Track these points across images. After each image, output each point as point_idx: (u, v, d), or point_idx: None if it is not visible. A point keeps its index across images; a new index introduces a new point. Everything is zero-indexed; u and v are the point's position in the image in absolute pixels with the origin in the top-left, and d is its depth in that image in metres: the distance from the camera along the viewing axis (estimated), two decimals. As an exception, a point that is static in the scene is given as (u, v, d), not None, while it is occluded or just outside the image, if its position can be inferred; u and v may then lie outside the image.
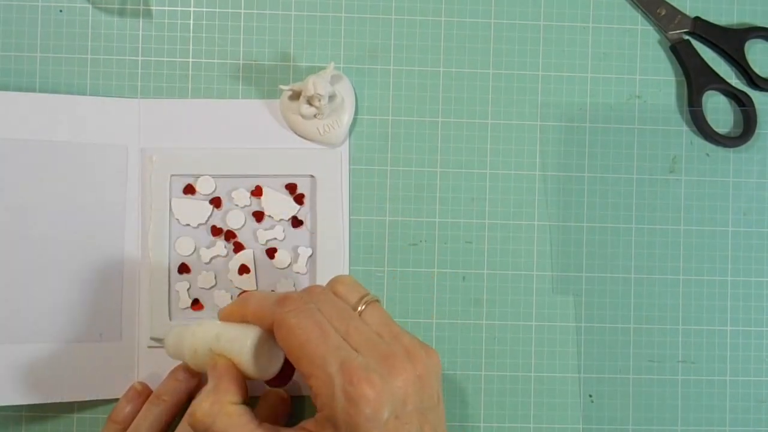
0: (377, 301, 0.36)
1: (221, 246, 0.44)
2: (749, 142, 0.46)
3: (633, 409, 0.45)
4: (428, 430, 0.33)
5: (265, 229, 0.44)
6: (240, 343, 0.36)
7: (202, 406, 0.34)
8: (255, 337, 0.36)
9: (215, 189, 0.44)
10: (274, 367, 0.38)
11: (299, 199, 0.44)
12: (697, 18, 0.46)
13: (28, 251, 0.42)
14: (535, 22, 0.46)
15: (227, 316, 0.38)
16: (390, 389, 0.32)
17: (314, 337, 0.33)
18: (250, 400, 0.44)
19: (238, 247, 0.44)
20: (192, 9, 0.45)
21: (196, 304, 0.44)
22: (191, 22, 0.45)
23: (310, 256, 0.44)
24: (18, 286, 0.42)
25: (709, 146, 0.46)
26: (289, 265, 0.44)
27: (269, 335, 0.36)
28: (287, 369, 0.39)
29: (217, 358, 0.37)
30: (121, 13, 0.45)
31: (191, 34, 0.45)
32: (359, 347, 0.33)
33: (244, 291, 0.44)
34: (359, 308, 0.35)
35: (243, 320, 0.37)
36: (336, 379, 0.32)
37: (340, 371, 0.32)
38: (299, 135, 0.44)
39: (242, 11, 0.45)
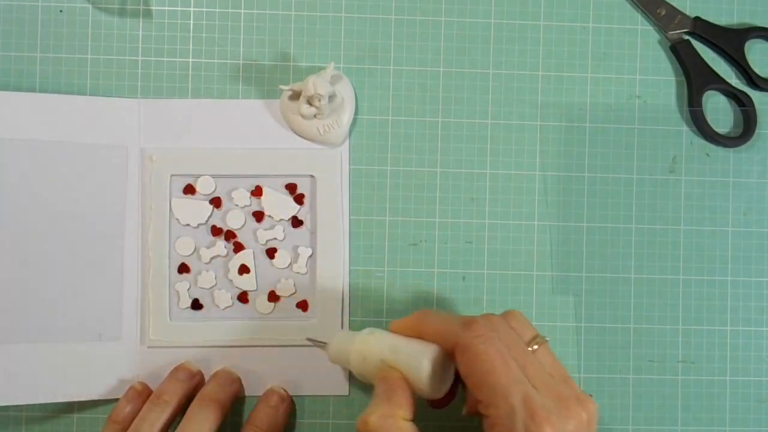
0: (547, 342, 0.36)
1: (221, 246, 0.44)
2: (749, 142, 0.46)
3: (633, 409, 0.45)
4: None
5: (265, 229, 0.44)
6: (418, 358, 0.36)
7: (375, 415, 0.34)
8: (434, 355, 0.36)
9: (215, 189, 0.44)
10: (445, 388, 0.37)
11: (299, 199, 0.44)
12: (697, 18, 0.46)
13: (28, 251, 0.42)
14: (535, 22, 0.46)
15: (401, 328, 0.38)
16: (565, 430, 0.32)
17: (498, 367, 0.33)
18: (248, 399, 0.44)
19: (238, 247, 0.44)
20: (192, 9, 0.45)
21: (196, 303, 0.44)
22: (191, 22, 0.45)
23: (310, 256, 0.44)
24: (18, 286, 0.42)
25: (709, 146, 0.46)
26: (289, 265, 0.44)
27: (445, 355, 0.36)
28: (450, 393, 0.38)
29: (389, 370, 0.36)
30: (121, 13, 0.45)
31: (191, 34, 0.45)
32: (536, 384, 0.33)
33: (244, 291, 0.44)
34: (532, 347, 0.35)
35: (418, 336, 0.37)
36: (519, 413, 0.32)
37: (523, 406, 0.32)
38: (299, 135, 0.44)
39: (242, 11, 0.45)
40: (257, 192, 0.44)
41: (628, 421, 0.45)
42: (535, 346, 0.36)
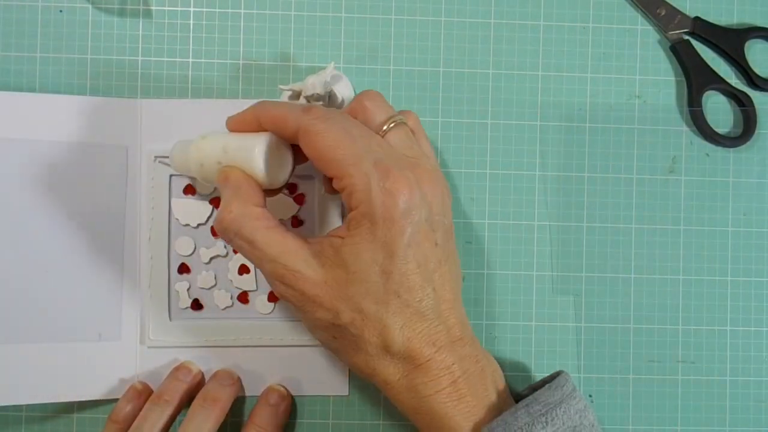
0: (405, 123, 0.37)
1: (221, 246, 0.44)
2: (749, 142, 0.46)
3: (633, 409, 0.45)
4: (450, 249, 0.35)
5: (265, 229, 0.44)
6: (249, 150, 0.36)
7: (228, 210, 0.35)
8: (265, 143, 0.36)
9: (215, 189, 0.44)
10: (284, 176, 0.38)
11: (299, 200, 0.44)
12: (697, 18, 0.46)
13: (27, 251, 0.42)
14: (535, 22, 0.46)
15: (238, 124, 0.38)
16: (421, 194, 0.33)
17: (343, 140, 0.34)
18: (247, 399, 0.44)
19: (238, 247, 0.44)
20: (192, 9, 0.45)
21: (196, 304, 0.44)
22: (191, 22, 0.45)
23: (310, 256, 0.44)
24: (18, 286, 0.42)
25: (709, 146, 0.46)
26: (289, 265, 0.44)
27: (279, 142, 0.37)
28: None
29: (227, 170, 0.37)
30: (121, 13, 0.45)
31: (191, 34, 0.45)
32: (384, 158, 0.34)
33: (244, 291, 0.44)
34: (387, 126, 0.36)
35: (256, 128, 0.37)
36: (372, 175, 0.33)
37: (375, 168, 0.33)
38: (299, 135, 0.44)
39: (242, 11, 0.45)
40: (257, 192, 0.44)
41: (628, 421, 0.45)
42: (391, 125, 0.36)
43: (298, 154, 0.38)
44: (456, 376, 0.35)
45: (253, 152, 0.36)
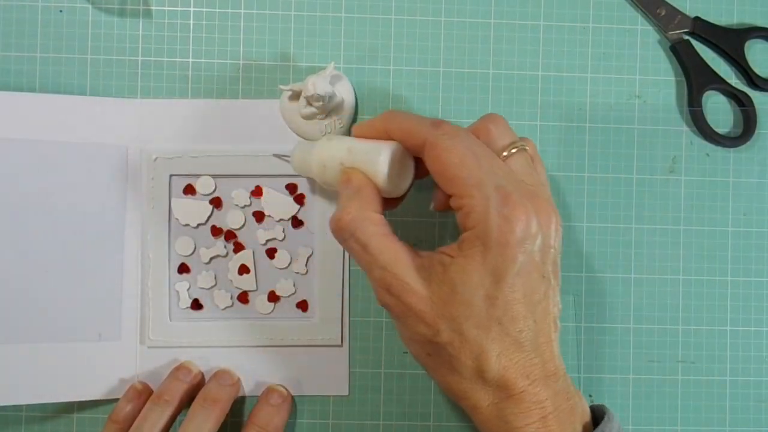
0: (525, 150, 0.36)
1: (221, 246, 0.44)
2: (749, 142, 0.46)
3: (633, 409, 0.45)
4: (555, 286, 0.35)
5: (265, 229, 0.44)
6: (375, 155, 0.36)
7: (347, 211, 0.35)
8: (391, 150, 0.36)
9: (215, 189, 0.44)
10: (404, 186, 0.38)
11: (299, 200, 0.44)
12: (697, 18, 0.46)
13: (27, 251, 0.42)
14: (535, 22, 0.46)
15: (365, 130, 0.38)
16: (537, 224, 0.33)
17: (469, 160, 0.34)
18: (247, 399, 0.44)
19: (238, 247, 0.44)
20: (192, 9, 0.45)
21: (196, 304, 0.44)
22: (191, 22, 0.45)
23: (310, 256, 0.44)
24: (18, 286, 0.42)
25: (709, 146, 0.46)
26: (289, 265, 0.44)
27: (403, 152, 0.37)
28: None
29: (350, 171, 0.37)
30: (121, 13, 0.45)
31: (191, 34, 0.45)
32: (505, 184, 0.34)
33: (244, 291, 0.44)
34: (509, 151, 0.36)
35: (384, 136, 0.37)
36: (492, 199, 0.33)
37: (496, 193, 0.33)
38: (299, 135, 0.44)
39: (242, 11, 0.45)
40: (257, 192, 0.44)
41: (628, 421, 0.45)
42: (513, 151, 0.36)
43: (419, 168, 0.38)
44: (547, 411, 0.34)
45: (379, 158, 0.36)
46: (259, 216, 0.44)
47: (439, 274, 0.34)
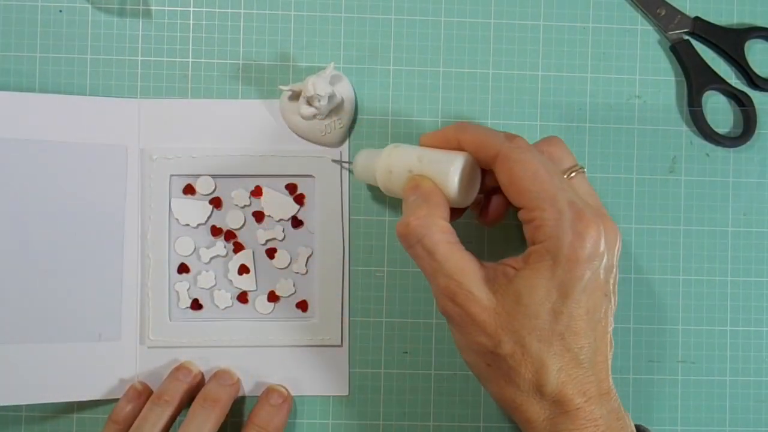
0: (584, 171, 0.37)
1: (221, 246, 0.44)
2: (749, 142, 0.46)
3: (633, 409, 0.45)
4: (614, 305, 0.35)
5: (265, 229, 0.44)
6: (447, 164, 0.36)
7: (416, 216, 0.35)
8: (463, 161, 0.36)
9: (215, 189, 0.44)
10: (471, 197, 0.38)
11: (299, 200, 0.44)
12: (697, 18, 0.46)
13: (27, 251, 0.42)
14: (535, 22, 0.46)
15: (435, 139, 0.38)
16: (605, 242, 0.33)
17: (543, 174, 0.34)
18: (247, 398, 0.44)
19: (238, 247, 0.44)
20: (192, 9, 0.45)
21: (195, 304, 0.44)
22: (191, 22, 0.45)
23: (310, 256, 0.44)
24: (18, 286, 0.42)
25: (709, 146, 0.46)
26: (288, 265, 0.44)
27: (473, 163, 0.37)
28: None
29: (419, 178, 0.37)
30: (121, 13, 0.45)
31: (191, 34, 0.45)
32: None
33: (243, 291, 0.44)
34: (569, 175, 0.37)
35: (453, 146, 0.37)
36: (565, 214, 0.33)
37: (570, 208, 0.33)
38: (299, 135, 0.44)
39: (242, 11, 0.45)
40: (257, 192, 0.44)
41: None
42: (573, 174, 0.37)
43: (483, 181, 0.39)
44: (600, 430, 0.34)
45: (451, 167, 0.36)
46: (259, 216, 0.44)
47: (503, 286, 0.34)
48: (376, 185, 0.40)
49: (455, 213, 0.38)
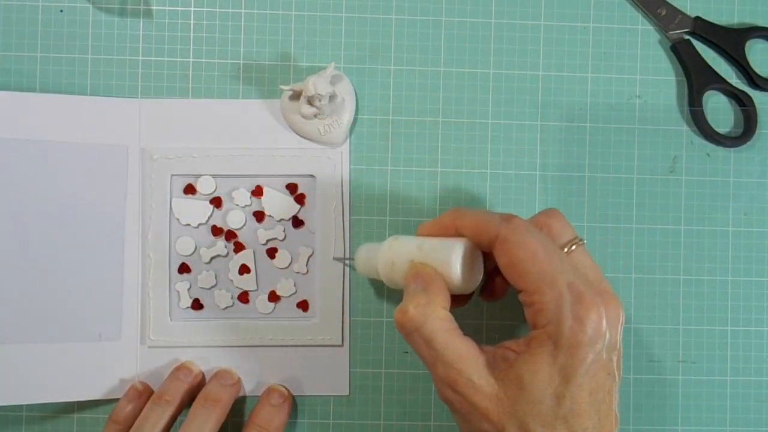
0: (584, 243, 0.37)
1: (222, 246, 0.44)
2: (749, 142, 0.46)
3: (633, 409, 0.45)
4: (618, 382, 0.35)
5: (266, 229, 0.44)
6: (448, 251, 0.36)
7: (414, 304, 0.35)
8: (464, 247, 0.36)
9: (215, 189, 0.44)
10: (474, 283, 0.38)
11: (300, 199, 0.44)
12: (697, 18, 0.46)
13: (28, 251, 0.42)
14: (535, 22, 0.46)
15: (432, 228, 0.38)
16: (607, 322, 0.33)
17: (541, 256, 0.34)
18: (248, 398, 0.44)
19: (239, 247, 0.44)
20: (192, 9, 0.45)
21: (196, 304, 0.44)
22: (191, 22, 0.45)
23: (311, 256, 0.44)
24: (18, 286, 0.42)
25: (710, 146, 0.46)
26: (289, 264, 0.44)
27: (474, 249, 0.37)
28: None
29: (420, 266, 0.37)
30: (121, 13, 0.45)
31: (191, 34, 0.45)
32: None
33: (244, 291, 0.44)
34: (569, 248, 0.36)
35: (452, 233, 0.37)
36: (566, 298, 0.33)
37: (569, 291, 0.33)
38: (299, 135, 0.44)
39: (242, 11, 0.45)
40: (258, 192, 0.44)
41: (629, 421, 0.45)
42: (573, 247, 0.36)
43: (485, 263, 0.38)
44: None
45: (452, 254, 0.36)
46: (260, 216, 0.44)
47: (504, 371, 0.34)
48: (379, 279, 0.40)
49: (460, 300, 0.38)
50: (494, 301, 0.39)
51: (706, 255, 0.46)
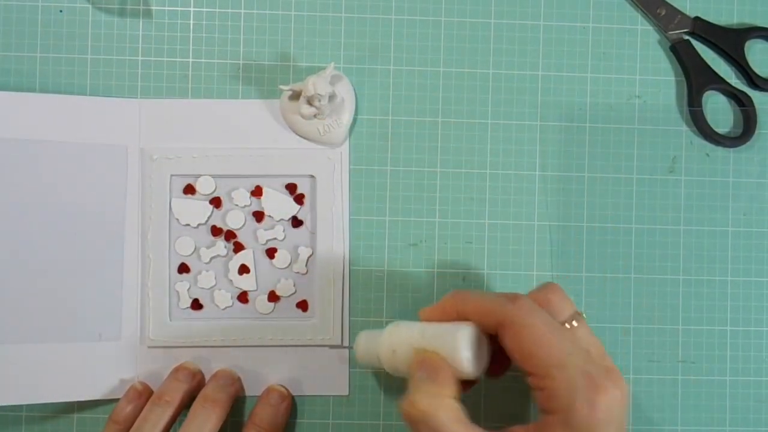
0: (584, 317, 0.36)
1: (221, 246, 0.44)
2: (749, 142, 0.46)
3: (633, 409, 0.45)
4: None
5: (265, 229, 0.44)
6: (455, 338, 0.35)
7: (421, 394, 0.34)
8: (470, 331, 0.35)
9: (215, 189, 0.44)
10: (481, 367, 0.36)
11: (299, 199, 0.44)
12: (697, 18, 0.46)
13: (27, 251, 0.42)
14: (535, 22, 0.46)
15: (435, 313, 0.37)
16: (617, 404, 0.33)
17: (549, 339, 0.33)
18: (248, 399, 0.44)
19: (238, 247, 0.44)
20: (192, 9, 0.45)
21: (196, 303, 0.44)
22: (191, 22, 0.45)
23: (310, 256, 0.44)
24: (17, 286, 0.42)
25: (709, 146, 0.46)
26: (289, 265, 0.44)
27: (479, 334, 0.36)
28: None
29: (426, 353, 0.36)
30: (121, 13, 0.45)
31: (191, 34, 0.45)
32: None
33: (244, 291, 0.44)
34: (571, 324, 0.36)
35: (459, 317, 0.36)
36: (579, 385, 0.32)
37: (582, 378, 0.32)
38: (299, 135, 0.44)
39: (242, 11, 0.45)
40: (257, 192, 0.44)
41: (629, 421, 0.45)
42: (575, 323, 0.36)
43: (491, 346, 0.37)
44: None
45: (460, 340, 0.35)
46: (259, 216, 0.44)
47: None
48: (381, 367, 0.39)
49: (465, 385, 0.37)
50: (496, 378, 0.39)
51: (705, 255, 0.46)
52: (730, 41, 0.46)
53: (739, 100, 0.46)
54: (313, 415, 0.45)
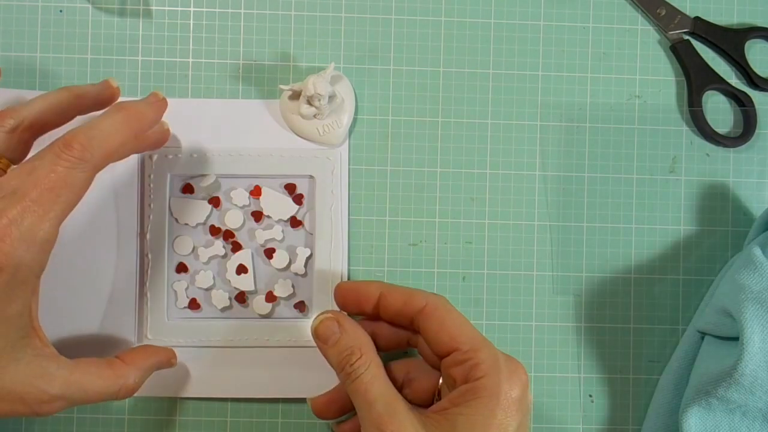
0: None
1: (219, 246, 0.44)
2: (749, 142, 0.46)
3: (633, 409, 0.45)
4: None
5: (264, 229, 0.44)
6: None
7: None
8: None
9: (213, 182, 0.44)
10: None
11: (298, 200, 0.44)
12: (697, 18, 0.46)
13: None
14: (535, 22, 0.46)
15: (351, 290, 0.41)
16: (527, 384, 0.36)
17: (468, 324, 0.37)
18: (243, 403, 0.44)
19: (237, 247, 0.44)
20: (192, 9, 0.45)
21: (193, 303, 0.44)
22: (191, 22, 0.45)
23: (309, 256, 0.44)
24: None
25: (709, 146, 0.46)
26: (287, 265, 0.44)
27: None
28: None
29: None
30: (121, 13, 0.45)
31: (191, 34, 0.45)
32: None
33: (242, 291, 0.44)
34: None
35: (375, 313, 0.40)
36: (500, 354, 0.36)
37: (499, 352, 0.37)
38: (299, 135, 0.44)
39: (242, 11, 0.45)
40: (256, 192, 0.44)
41: (628, 421, 0.45)
42: None
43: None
44: None
45: None
46: (258, 216, 0.44)
47: (436, 421, 0.35)
48: None
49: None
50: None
51: (705, 255, 0.46)
52: (730, 41, 0.46)
53: (739, 100, 0.46)
54: (312, 415, 0.44)
